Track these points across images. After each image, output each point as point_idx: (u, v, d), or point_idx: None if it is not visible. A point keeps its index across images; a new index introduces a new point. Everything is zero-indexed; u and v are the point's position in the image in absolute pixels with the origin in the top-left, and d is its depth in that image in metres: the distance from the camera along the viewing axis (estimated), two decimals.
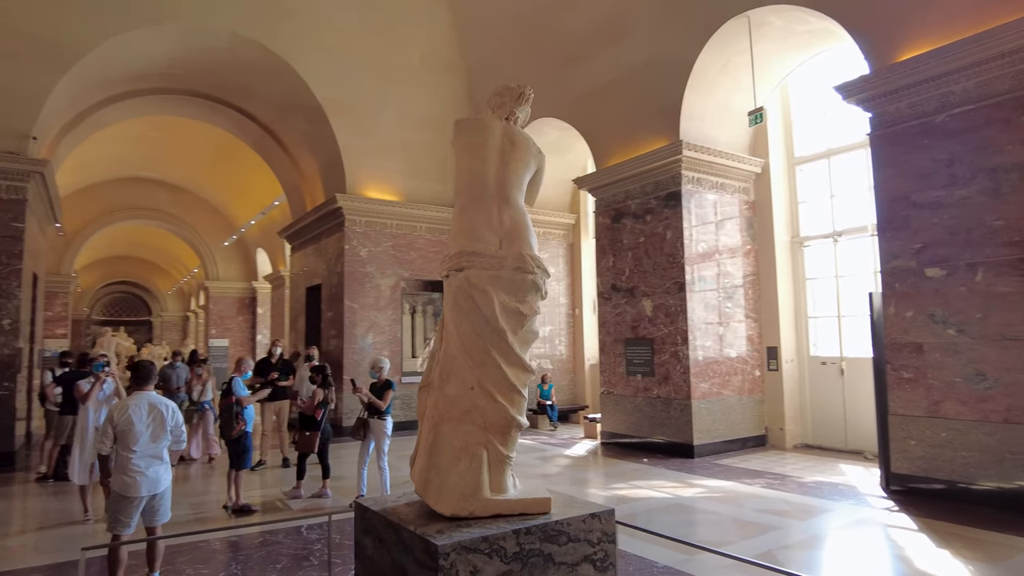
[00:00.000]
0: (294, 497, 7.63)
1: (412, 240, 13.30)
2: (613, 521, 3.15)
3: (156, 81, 12.49)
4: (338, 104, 12.43)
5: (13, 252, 9.84)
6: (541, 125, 12.80)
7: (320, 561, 5.24)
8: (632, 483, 8.12)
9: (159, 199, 22.53)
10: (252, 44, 11.39)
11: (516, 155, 3.37)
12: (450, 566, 2.63)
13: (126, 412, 4.65)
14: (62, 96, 10.57)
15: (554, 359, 14.10)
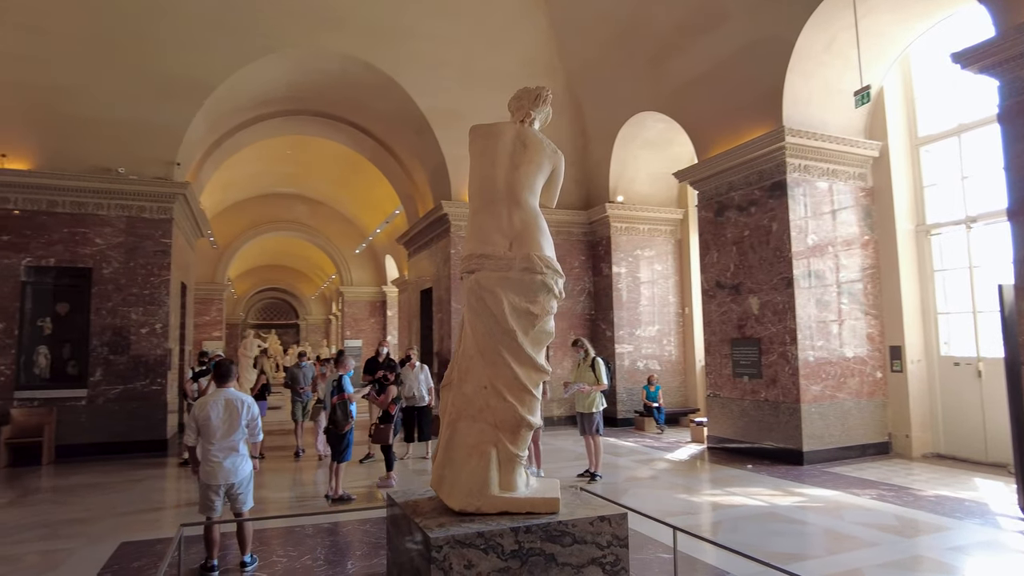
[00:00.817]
0: (384, 487, 8.05)
1: None
2: (625, 525, 3.06)
3: (279, 104, 13.66)
4: (441, 114, 12.91)
5: (162, 265, 11.19)
6: (643, 119, 12.54)
7: None
8: (728, 489, 7.74)
9: (298, 212, 24.54)
10: (359, 63, 12.13)
11: (527, 157, 3.38)
12: (443, 558, 2.70)
13: (205, 408, 5.16)
14: (200, 125, 11.86)
15: (662, 360, 13.71)
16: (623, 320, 13.51)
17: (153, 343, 11.02)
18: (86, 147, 10.77)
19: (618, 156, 13.38)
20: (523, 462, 3.22)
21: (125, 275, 10.93)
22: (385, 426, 8.32)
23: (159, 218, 11.22)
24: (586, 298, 14.11)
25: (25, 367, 10.49)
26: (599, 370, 8.35)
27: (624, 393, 13.29)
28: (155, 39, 10.85)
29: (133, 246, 11.03)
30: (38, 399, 10.32)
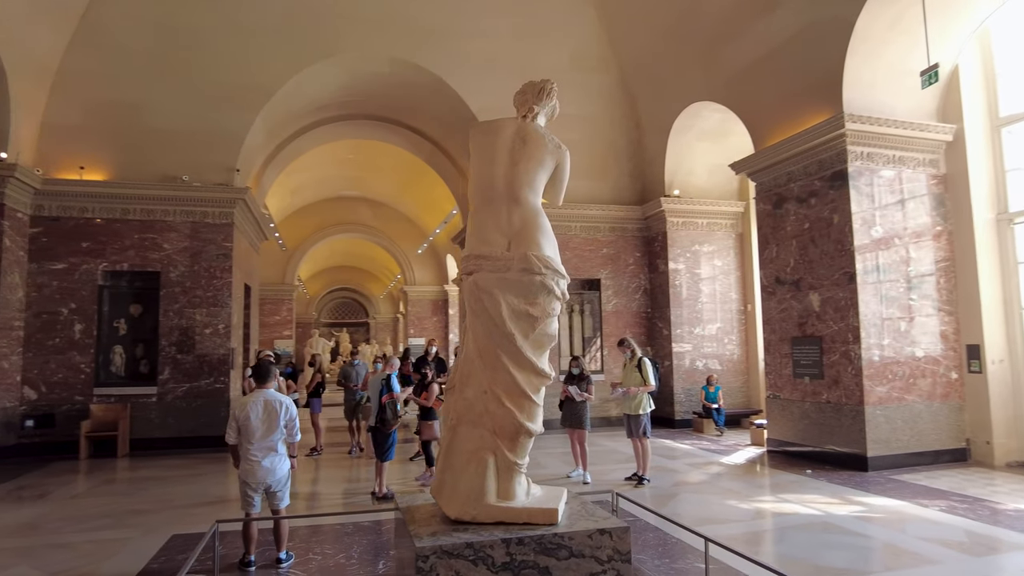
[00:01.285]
0: (425, 483, 8.09)
1: (566, 240, 13.31)
2: (627, 539, 2.91)
3: (335, 109, 13.99)
4: (491, 113, 12.87)
5: (224, 267, 11.65)
6: (698, 109, 12.13)
7: None
8: (782, 496, 7.36)
9: (362, 214, 25.14)
10: (408, 65, 12.26)
11: (527, 153, 3.27)
12: (429, 568, 2.64)
13: (245, 408, 5.27)
14: (259, 132, 12.28)
15: (723, 359, 13.22)
16: (681, 318, 13.11)
17: (216, 343, 11.50)
18: (154, 157, 11.33)
19: (674, 149, 12.98)
20: (523, 470, 3.12)
21: (190, 278, 11.45)
22: (431, 422, 8.35)
23: (221, 223, 11.69)
24: (642, 296, 13.78)
25: (103, 365, 11.16)
26: (646, 371, 8.11)
27: (682, 394, 12.90)
28: (214, 52, 11.32)
29: (197, 250, 11.54)
30: (114, 395, 10.96)
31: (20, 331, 10.58)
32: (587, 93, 13.25)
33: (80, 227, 11.04)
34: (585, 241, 13.46)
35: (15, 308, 10.44)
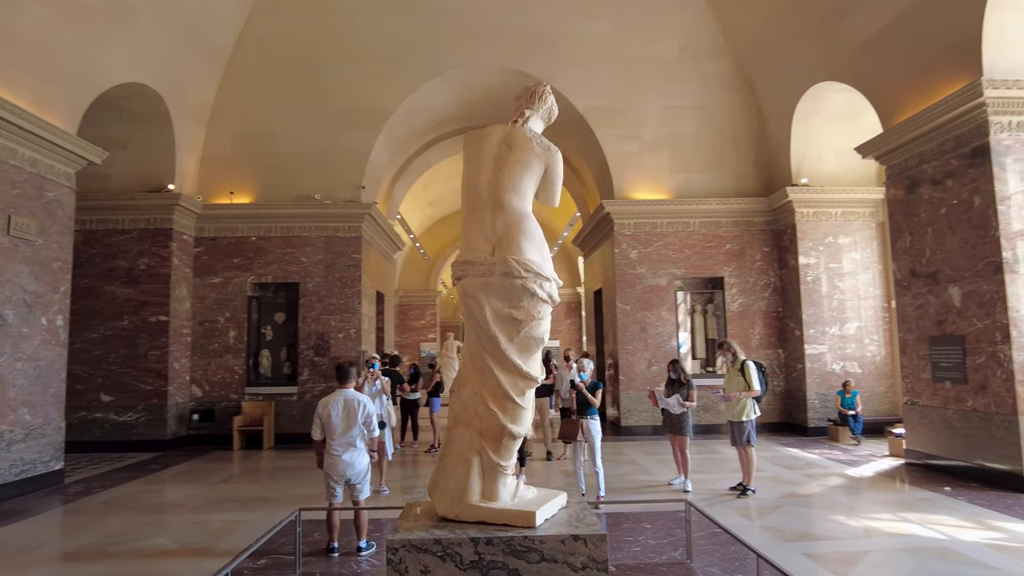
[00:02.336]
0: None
1: (685, 237, 12.84)
2: (604, 547, 2.83)
3: (454, 124, 14.61)
4: (599, 112, 12.80)
5: (354, 277, 12.64)
6: (822, 91, 11.18)
7: None
8: (902, 515, 6.59)
9: None
10: (515, 73, 12.52)
11: (512, 157, 3.29)
12: (399, 560, 2.77)
13: (327, 407, 5.73)
14: (383, 150, 13.18)
15: (863, 361, 12.01)
16: (814, 317, 12.10)
17: (348, 346, 12.50)
18: (291, 179, 12.58)
19: (799, 134, 12.04)
20: (507, 472, 3.13)
21: (325, 287, 12.56)
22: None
23: (350, 236, 12.69)
24: (771, 294, 12.90)
25: (253, 367, 12.58)
26: (749, 374, 7.63)
27: (816, 399, 11.89)
28: (337, 79, 12.35)
29: (330, 262, 12.62)
30: (262, 394, 12.30)
31: (188, 337, 12.24)
32: (700, 83, 12.70)
33: (232, 245, 12.54)
34: (705, 237, 12.88)
35: (183, 317, 12.10)
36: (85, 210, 11.42)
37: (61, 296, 8.88)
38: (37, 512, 7.29)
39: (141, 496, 8.09)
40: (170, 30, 10.54)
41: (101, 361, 11.43)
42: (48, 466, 8.52)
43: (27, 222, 8.24)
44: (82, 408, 11.28)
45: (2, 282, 7.83)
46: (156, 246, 11.69)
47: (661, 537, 6.07)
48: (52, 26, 8.41)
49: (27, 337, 8.24)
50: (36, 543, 6.20)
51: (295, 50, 12.26)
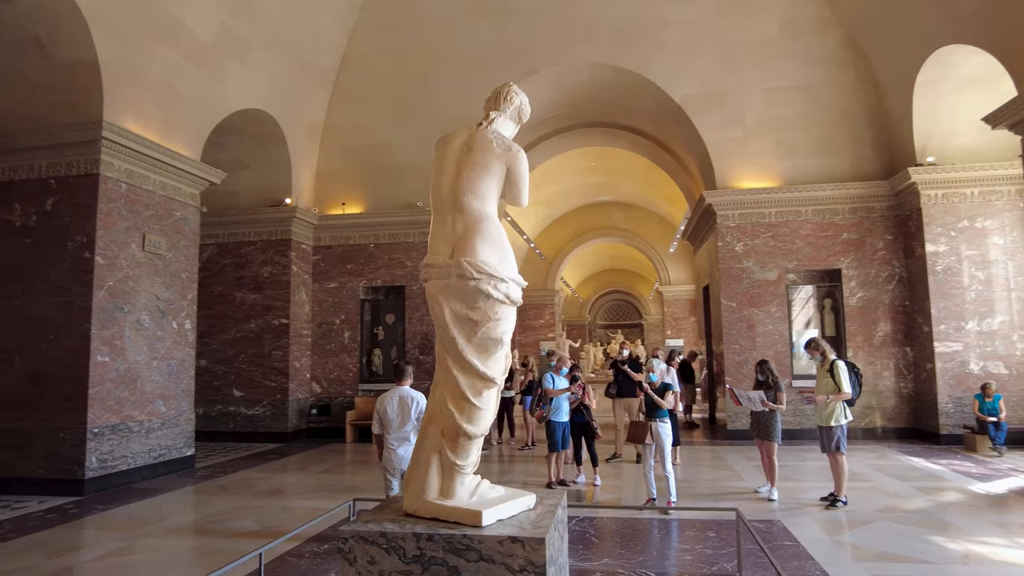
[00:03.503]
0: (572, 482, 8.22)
1: (796, 227, 11.96)
2: (542, 551, 2.79)
3: (550, 124, 14.67)
4: (697, 100, 12.26)
5: None
6: (947, 55, 9.98)
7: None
8: (1017, 540, 5.74)
9: (615, 217, 25.59)
10: (607, 68, 12.35)
11: (471, 160, 3.32)
12: (348, 550, 2.92)
13: (383, 403, 6.08)
14: None
15: (1009, 361, 10.51)
16: (945, 311, 10.78)
17: None
18: (396, 189, 13.30)
19: (923, 106, 10.77)
20: (465, 471, 3.16)
21: None
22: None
23: None
24: (896, 285, 11.66)
25: (366, 365, 13.46)
26: (839, 375, 7.02)
27: (950, 404, 10.59)
28: (434, 89, 12.87)
29: None
30: (373, 390, 13.12)
31: (308, 338, 13.36)
32: (805, 61, 11.77)
33: (346, 252, 13.50)
34: (819, 227, 11.91)
35: (304, 320, 13.22)
36: (218, 225, 12.86)
37: (189, 303, 10.07)
38: (164, 491, 8.35)
39: (253, 482, 8.98)
40: (280, 58, 11.58)
41: (233, 360, 12.79)
42: (181, 452, 9.72)
43: (159, 239, 9.45)
44: (218, 402, 12.70)
45: (138, 291, 9.05)
46: (278, 255, 12.88)
47: (720, 547, 5.77)
48: (177, 66, 9.58)
49: (161, 339, 9.45)
50: (155, 518, 7.11)
51: (395, 65, 12.95)
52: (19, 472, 8.17)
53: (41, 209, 8.56)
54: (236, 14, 10.27)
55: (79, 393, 8.15)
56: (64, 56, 8.30)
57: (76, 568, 5.44)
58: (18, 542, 6.17)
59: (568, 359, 8.96)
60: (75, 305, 8.31)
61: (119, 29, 8.48)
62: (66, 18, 8.03)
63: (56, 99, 8.47)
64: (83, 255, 8.37)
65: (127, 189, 8.90)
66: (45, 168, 8.58)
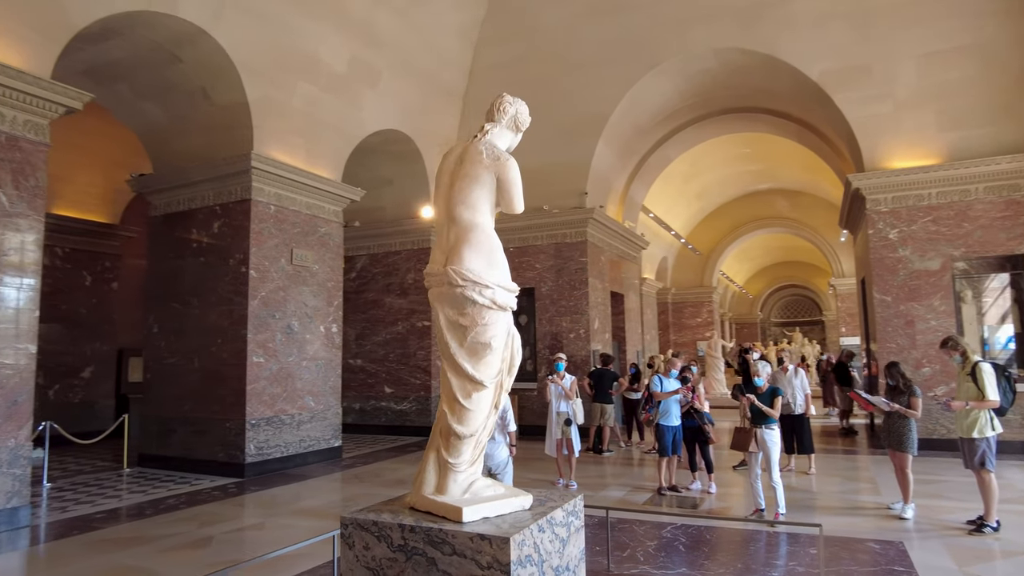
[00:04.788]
0: (681, 488, 7.86)
1: (963, 208, 10.42)
2: (507, 550, 2.86)
3: (683, 115, 14.15)
4: (838, 75, 11.15)
5: (581, 280, 13.18)
6: None
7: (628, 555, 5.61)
8: None
9: (778, 206, 23.86)
10: (733, 52, 11.67)
11: (463, 171, 3.46)
12: (348, 535, 3.22)
13: None
14: (605, 154, 13.47)
15: None
16: None
17: (578, 345, 13.08)
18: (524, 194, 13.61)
19: None
20: (459, 469, 3.29)
21: (556, 291, 13.35)
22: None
23: (576, 241, 13.28)
24: None
25: None
26: (982, 379, 6.11)
27: None
28: (556, 93, 13.03)
29: (560, 267, 13.37)
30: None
31: None
32: (968, 17, 10.21)
33: None
34: (993, 206, 10.27)
35: None
36: (368, 237, 14.13)
37: (334, 309, 11.20)
38: (308, 478, 9.40)
39: (384, 472, 9.80)
40: (409, 81, 12.45)
41: (384, 360, 13.95)
42: (329, 443, 10.85)
43: (305, 253, 10.65)
44: (372, 398, 13.93)
45: (288, 300, 10.27)
46: (419, 263, 13.83)
47: (814, 566, 5.31)
48: (315, 98, 10.73)
49: (309, 342, 10.63)
50: (291, 500, 8.08)
51: (518, 74, 13.31)
52: (199, 455, 9.68)
53: (210, 232, 10.06)
54: (365, 45, 11.25)
55: (240, 389, 9.46)
56: (222, 100, 9.69)
57: (214, 536, 6.38)
58: (184, 512, 7.36)
59: (678, 362, 8.66)
60: (236, 313, 9.66)
61: (264, 72, 9.72)
62: (222, 68, 9.37)
63: (217, 138, 9.92)
64: (241, 270, 9.70)
65: (276, 210, 10.16)
66: (212, 197, 10.07)
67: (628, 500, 7.77)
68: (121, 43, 8.89)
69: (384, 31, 11.53)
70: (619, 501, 7.68)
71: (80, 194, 13.23)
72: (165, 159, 10.48)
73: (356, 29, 11.00)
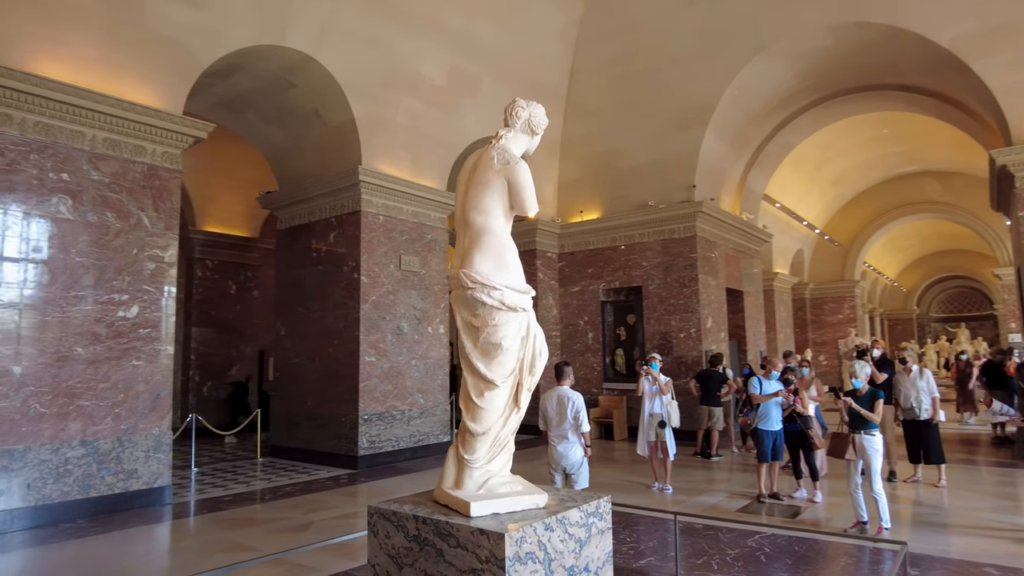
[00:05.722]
0: (782, 498, 7.32)
1: None
2: (502, 546, 2.93)
3: (801, 98, 13.22)
4: (975, 39, 9.92)
5: (691, 276, 12.73)
6: None
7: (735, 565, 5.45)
8: None
9: (927, 190, 21.55)
10: (849, 26, 10.73)
11: (476, 178, 3.55)
12: (374, 523, 3.47)
13: (544, 402, 6.47)
14: (714, 145, 12.91)
15: None
16: None
17: (690, 346, 12.66)
18: (629, 191, 13.47)
19: None
20: (474, 465, 3.39)
21: (664, 289, 13.01)
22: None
23: (685, 236, 12.86)
24: None
25: (610, 365, 13.85)
26: None
27: None
28: (658, 87, 12.74)
29: (668, 264, 13.01)
30: (616, 389, 13.46)
31: (557, 339, 14.29)
32: None
33: (586, 257, 14.11)
34: None
35: (551, 322, 14.20)
36: None
37: (442, 311, 11.70)
38: (414, 471, 9.92)
39: None
40: (510, 86, 12.69)
41: None
42: (438, 438, 11.36)
43: (412, 259, 11.24)
44: None
45: (397, 303, 10.90)
46: (526, 265, 13.77)
47: None
48: (418, 111, 11.30)
49: (418, 342, 11.20)
50: (390, 491, 8.56)
51: (618, 70, 13.16)
52: (319, 447, 10.54)
53: (327, 243, 10.92)
54: (464, 55, 11.66)
55: (353, 386, 10.19)
56: (333, 120, 10.50)
57: (314, 522, 6.97)
58: (296, 499, 8.09)
59: (779, 362, 8.15)
60: (350, 316, 10.41)
61: (369, 91, 10.40)
62: (330, 90, 10.16)
63: (331, 155, 10.75)
64: (353, 276, 10.44)
65: (384, 220, 10.82)
66: (328, 209, 10.93)
67: (721, 507, 7.46)
68: (245, 76, 9.92)
69: (483, 40, 11.88)
70: (710, 508, 7.40)
71: (225, 212, 14.88)
72: (287, 177, 11.53)
73: (455, 42, 11.44)
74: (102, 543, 6.32)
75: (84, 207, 7.39)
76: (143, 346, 7.73)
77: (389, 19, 10.40)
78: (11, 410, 6.73)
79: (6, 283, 6.82)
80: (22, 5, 7.02)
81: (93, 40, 7.52)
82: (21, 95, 6.93)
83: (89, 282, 7.36)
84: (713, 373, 10.77)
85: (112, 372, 7.44)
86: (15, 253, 6.91)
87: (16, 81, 6.84)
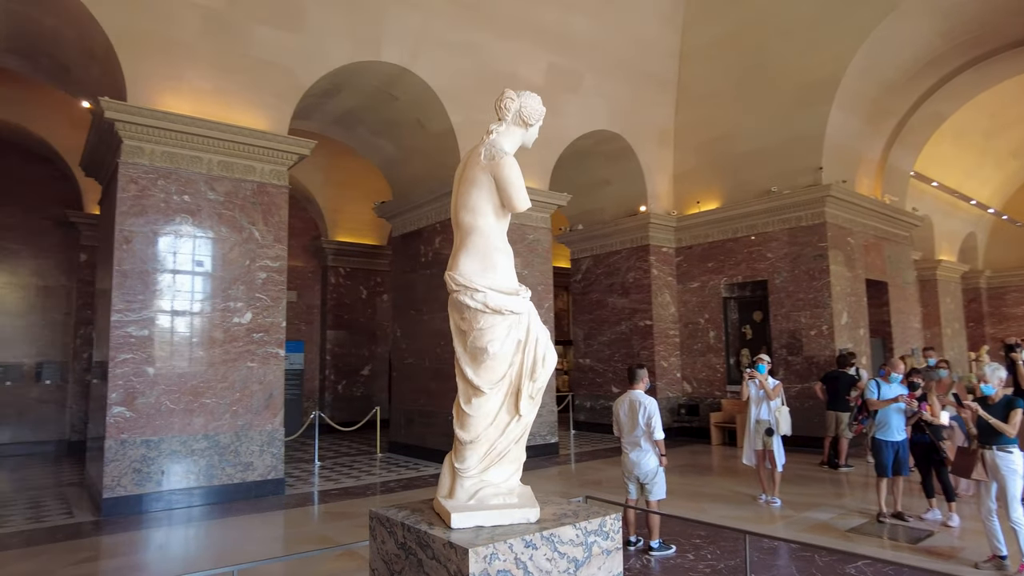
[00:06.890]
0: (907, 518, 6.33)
1: None
2: (467, 561, 2.81)
3: (952, 59, 11.46)
4: None
5: (821, 268, 11.54)
6: None
7: None
8: None
9: None
10: None
11: (464, 176, 3.44)
12: (373, 527, 3.50)
13: (616, 407, 6.18)
14: (842, 121, 11.60)
15: None
16: None
17: (821, 344, 11.48)
18: (748, 177, 12.51)
19: None
20: (465, 474, 3.26)
21: (791, 282, 11.92)
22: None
23: (813, 224, 11.69)
24: None
25: (735, 366, 12.94)
26: None
27: None
28: (773, 65, 11.73)
29: (795, 254, 11.90)
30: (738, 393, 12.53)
31: (676, 338, 13.63)
32: None
33: (705, 251, 13.31)
34: None
35: (669, 320, 13.57)
36: (591, 239, 14.38)
37: (545, 311, 11.60)
38: None
39: (587, 472, 9.90)
40: (612, 77, 12.32)
41: (610, 359, 13.99)
42: (544, 439, 11.29)
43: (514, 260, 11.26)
44: (601, 397, 14.06)
45: None
46: (639, 261, 13.59)
47: None
48: None
49: None
50: None
51: (729, 49, 12.27)
52: (429, 443, 10.91)
53: (433, 247, 11.27)
54: (560, 51, 11.48)
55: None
56: (435, 128, 10.80)
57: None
58: (395, 495, 8.42)
59: (900, 364, 7.12)
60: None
61: (464, 98, 10.56)
62: (431, 101, 10.45)
63: (434, 162, 11.07)
64: None
65: None
66: (433, 216, 11.26)
67: (831, 525, 6.67)
68: (349, 93, 10.51)
69: (580, 35, 11.63)
70: (816, 526, 6.64)
71: (353, 222, 15.87)
72: (399, 186, 12.05)
73: (550, 39, 11.30)
74: (216, 527, 6.97)
75: (203, 225, 8.22)
76: (256, 349, 8.44)
77: (482, 23, 10.51)
78: (147, 406, 7.64)
79: (156, 292, 7.76)
80: (148, 49, 7.94)
81: (206, 73, 8.34)
82: (151, 129, 7.85)
83: (208, 291, 8.17)
84: (841, 374, 9.70)
85: (229, 373, 8.20)
86: (161, 268, 7.84)
87: (145, 118, 7.76)
